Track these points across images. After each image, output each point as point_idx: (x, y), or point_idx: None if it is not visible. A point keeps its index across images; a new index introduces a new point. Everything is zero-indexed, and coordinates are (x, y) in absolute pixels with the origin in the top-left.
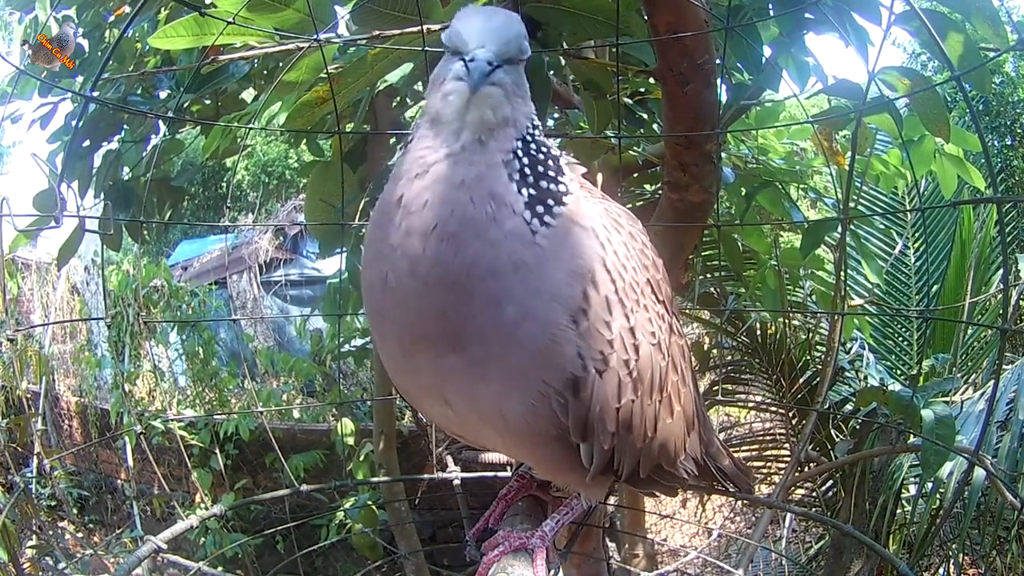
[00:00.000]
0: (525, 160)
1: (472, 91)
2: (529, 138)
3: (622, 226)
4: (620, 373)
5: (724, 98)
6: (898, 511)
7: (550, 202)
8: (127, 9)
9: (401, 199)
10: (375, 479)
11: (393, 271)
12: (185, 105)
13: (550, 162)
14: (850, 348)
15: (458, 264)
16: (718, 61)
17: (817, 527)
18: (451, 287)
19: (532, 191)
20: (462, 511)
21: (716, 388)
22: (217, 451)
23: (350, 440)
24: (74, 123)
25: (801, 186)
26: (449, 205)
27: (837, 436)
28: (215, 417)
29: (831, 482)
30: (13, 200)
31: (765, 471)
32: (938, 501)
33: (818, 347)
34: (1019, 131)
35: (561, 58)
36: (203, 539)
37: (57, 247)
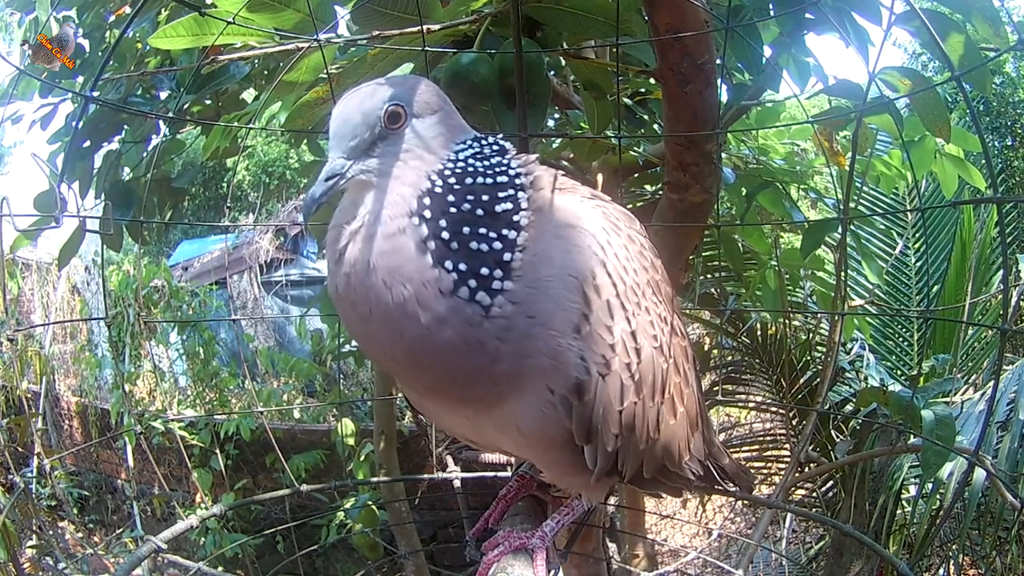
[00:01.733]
0: (442, 223)
1: (311, 212)
2: (441, 189)
3: (620, 228)
4: (622, 376)
5: (724, 98)
6: (898, 511)
7: (486, 270)
8: (127, 9)
9: (338, 289)
10: (375, 479)
11: (376, 357)
12: (185, 105)
13: (479, 211)
14: (850, 349)
15: (412, 348)
16: (718, 61)
17: (817, 527)
18: (427, 368)
19: (462, 264)
20: (462, 511)
21: (716, 388)
22: (217, 451)
23: (350, 440)
24: (74, 124)
25: (802, 186)
26: (370, 290)
27: (837, 437)
28: (215, 417)
29: (831, 482)
30: (13, 200)
31: (765, 471)
32: (938, 502)
33: (818, 347)
34: (1019, 131)
35: (561, 58)
36: (203, 539)
37: (57, 247)
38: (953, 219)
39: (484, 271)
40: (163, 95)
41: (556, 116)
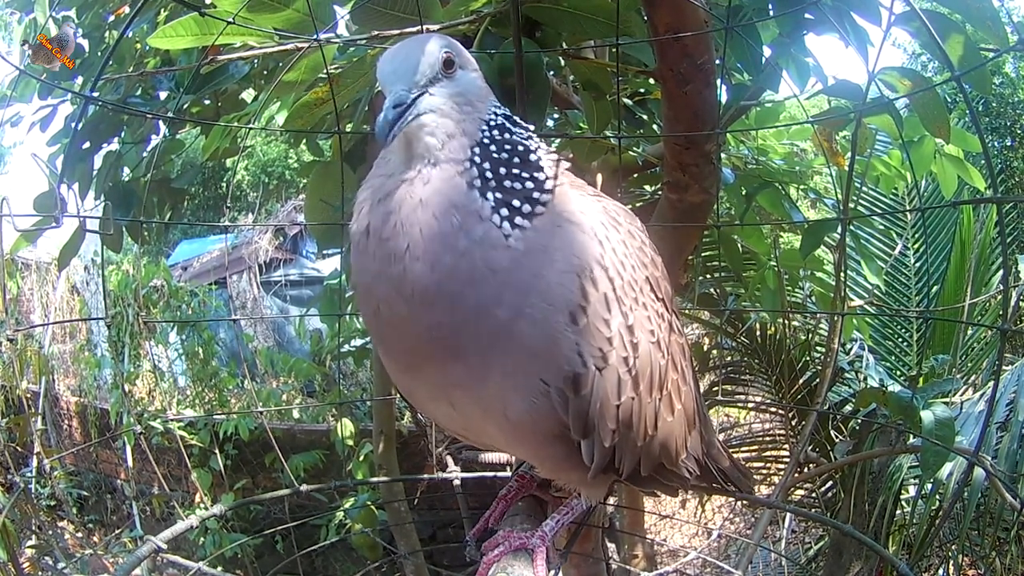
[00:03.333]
0: (486, 165)
1: (389, 138)
2: (487, 140)
3: (620, 224)
4: (620, 370)
5: (724, 98)
6: (898, 512)
7: (516, 203)
8: (127, 10)
9: (369, 228)
10: (375, 479)
11: (382, 302)
12: (185, 106)
13: (516, 159)
14: (850, 349)
15: (436, 278)
16: (718, 61)
17: (817, 528)
18: (436, 303)
19: (498, 194)
20: (462, 511)
21: (716, 389)
22: (217, 451)
23: (350, 440)
24: (74, 125)
25: (801, 187)
26: (416, 225)
27: (837, 437)
28: (215, 417)
29: (831, 483)
30: (13, 201)
31: (765, 472)
32: (938, 502)
33: (818, 348)
34: (1019, 132)
35: (561, 58)
36: (203, 539)
37: (57, 247)
38: (953, 219)
39: (516, 203)
40: (162, 95)
41: (556, 116)
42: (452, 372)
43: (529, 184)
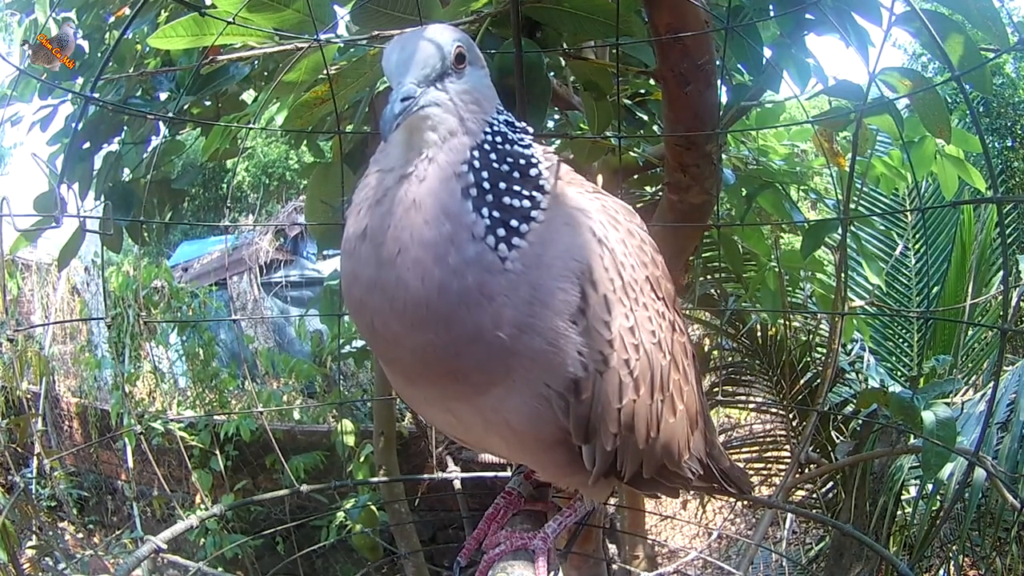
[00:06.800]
0: (484, 174)
1: (393, 128)
2: (488, 146)
3: (620, 222)
4: (620, 373)
5: (724, 99)
6: (898, 512)
7: (514, 223)
8: (127, 11)
9: (366, 230)
10: (375, 479)
11: (375, 316)
12: (185, 107)
13: (515, 173)
14: (851, 349)
15: (427, 295)
16: (718, 62)
17: (817, 528)
18: (428, 323)
19: (495, 212)
20: (462, 512)
21: (717, 389)
22: (217, 452)
23: (350, 441)
24: (74, 125)
25: (802, 187)
26: (407, 229)
27: (838, 437)
28: (215, 418)
29: (832, 483)
30: (14, 201)
31: (766, 472)
32: (938, 502)
33: (818, 348)
34: (1020, 132)
35: (561, 59)
36: (203, 540)
37: (57, 248)
38: (953, 220)
39: (513, 222)
40: (163, 96)
41: (556, 117)
42: (451, 387)
43: (526, 203)
